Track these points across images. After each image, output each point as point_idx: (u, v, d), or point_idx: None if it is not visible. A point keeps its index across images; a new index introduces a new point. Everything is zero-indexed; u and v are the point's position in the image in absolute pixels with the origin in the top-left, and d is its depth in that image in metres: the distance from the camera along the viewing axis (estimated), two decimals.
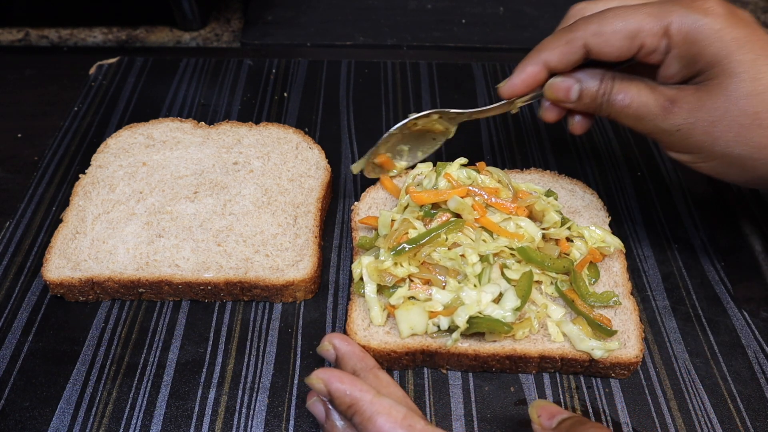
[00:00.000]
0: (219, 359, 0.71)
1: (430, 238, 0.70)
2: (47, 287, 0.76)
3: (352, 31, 1.25)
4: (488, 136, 1.00)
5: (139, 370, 0.70)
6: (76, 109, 1.03)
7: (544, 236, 0.74)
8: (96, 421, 0.66)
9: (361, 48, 1.21)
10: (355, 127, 1.01)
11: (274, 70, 1.12)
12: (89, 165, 0.87)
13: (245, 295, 0.76)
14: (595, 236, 0.76)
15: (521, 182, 0.82)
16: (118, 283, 0.74)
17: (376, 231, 0.77)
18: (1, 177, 0.94)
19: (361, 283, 0.72)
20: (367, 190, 0.85)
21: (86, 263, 0.75)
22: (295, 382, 0.70)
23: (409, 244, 0.70)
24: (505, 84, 0.70)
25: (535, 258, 0.71)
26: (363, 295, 0.72)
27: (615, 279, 0.75)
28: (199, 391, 0.69)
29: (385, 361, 0.70)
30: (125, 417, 0.66)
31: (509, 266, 0.71)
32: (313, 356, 0.72)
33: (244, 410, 0.67)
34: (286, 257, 0.77)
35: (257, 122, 0.97)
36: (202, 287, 0.74)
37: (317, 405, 0.59)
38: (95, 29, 1.27)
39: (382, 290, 0.72)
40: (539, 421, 0.58)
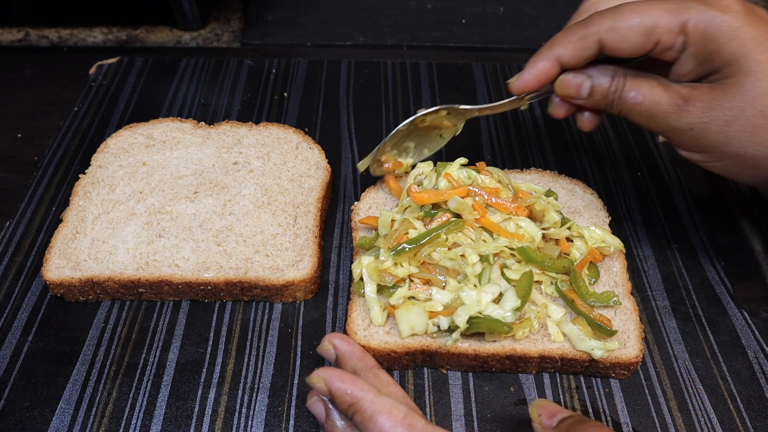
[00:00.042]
0: (219, 359, 0.71)
1: (430, 238, 0.70)
2: (47, 287, 0.76)
3: (352, 31, 1.25)
4: (488, 136, 1.00)
5: (139, 370, 0.70)
6: (76, 109, 1.03)
7: (544, 236, 0.74)
8: (96, 421, 0.66)
9: (361, 48, 1.21)
10: (355, 127, 1.01)
11: (274, 70, 1.12)
12: (89, 165, 0.87)
13: (245, 295, 0.76)
14: (595, 236, 0.76)
15: (521, 182, 0.82)
16: (118, 283, 0.74)
17: (376, 231, 0.77)
18: (1, 177, 0.94)
19: (361, 283, 0.72)
20: (367, 190, 0.85)
21: (86, 263, 0.75)
22: (295, 382, 0.70)
23: (409, 244, 0.70)
24: (516, 79, 0.69)
25: (535, 258, 0.71)
26: (363, 295, 0.72)
27: (615, 279, 0.75)
28: (199, 391, 0.69)
29: (385, 361, 0.70)
30: (125, 417, 0.66)
31: (509, 266, 0.71)
32: (313, 356, 0.72)
33: (244, 410, 0.67)
34: (286, 257, 0.77)
35: (257, 122, 0.97)
36: (202, 287, 0.74)
37: (318, 404, 0.59)
38: (95, 29, 1.27)
39: (382, 290, 0.72)
40: (540, 420, 0.58)
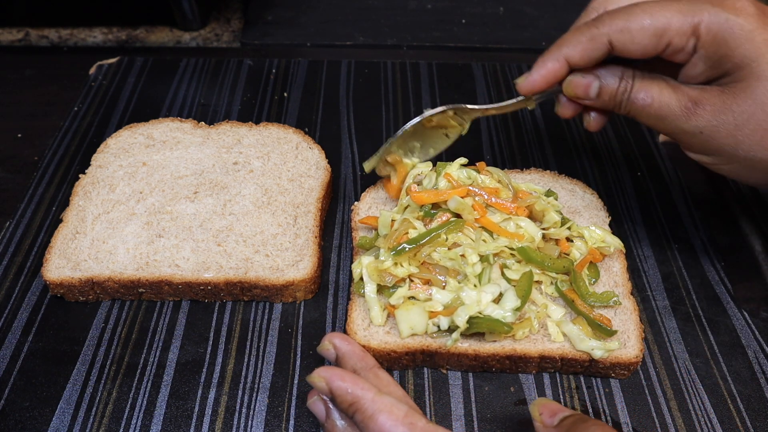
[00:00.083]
0: (219, 359, 0.71)
1: (430, 238, 0.70)
2: (47, 287, 0.76)
3: (352, 31, 1.25)
4: (488, 136, 1.00)
5: (139, 370, 0.70)
6: (76, 109, 1.03)
7: (544, 236, 0.74)
8: (96, 421, 0.66)
9: (361, 48, 1.21)
10: (355, 127, 1.01)
11: (274, 70, 1.12)
12: (89, 165, 0.87)
13: (245, 295, 0.76)
14: (595, 236, 0.76)
15: (521, 182, 0.82)
16: (118, 283, 0.74)
17: (376, 231, 0.77)
18: (1, 177, 0.94)
19: (361, 283, 0.72)
20: (367, 190, 0.85)
21: (86, 263, 0.75)
22: (295, 382, 0.70)
23: (409, 244, 0.70)
24: (525, 80, 0.68)
25: (535, 258, 0.71)
26: (363, 295, 0.72)
27: (615, 279, 0.75)
28: (199, 391, 0.69)
29: (385, 361, 0.70)
30: (125, 417, 0.66)
31: (509, 266, 0.71)
32: (313, 356, 0.72)
33: (244, 410, 0.67)
34: (286, 257, 0.77)
35: (257, 122, 0.97)
36: (202, 287, 0.74)
37: (318, 404, 0.59)
38: (95, 29, 1.27)
39: (382, 290, 0.72)
40: (541, 419, 0.58)
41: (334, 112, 1.04)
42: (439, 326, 0.68)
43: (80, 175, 0.86)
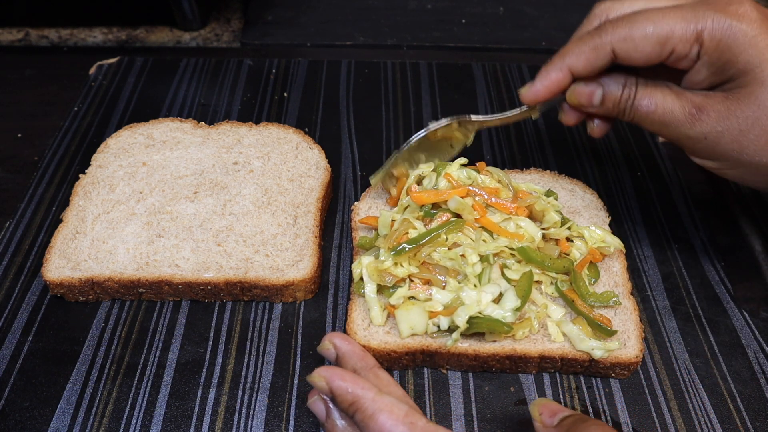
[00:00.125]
0: (219, 359, 0.71)
1: (430, 238, 0.70)
2: (47, 287, 0.76)
3: (352, 31, 1.25)
4: (488, 136, 1.00)
5: (139, 370, 0.70)
6: (76, 109, 1.03)
7: (544, 236, 0.74)
8: (96, 421, 0.66)
9: (361, 48, 1.21)
10: (355, 127, 1.01)
11: (274, 70, 1.12)
12: (89, 165, 0.87)
13: (245, 295, 0.76)
14: (595, 236, 0.76)
15: (521, 182, 0.82)
16: (118, 283, 0.74)
17: (376, 231, 0.77)
18: (1, 177, 0.94)
19: (361, 283, 0.72)
20: (367, 190, 0.85)
21: (86, 263, 0.75)
22: (295, 382, 0.70)
23: (409, 244, 0.70)
24: (528, 90, 0.68)
25: (535, 258, 0.71)
26: (363, 295, 0.72)
27: (615, 279, 0.75)
28: (199, 391, 0.69)
29: (385, 361, 0.70)
30: (125, 417, 0.66)
31: (509, 266, 0.71)
32: (313, 356, 0.72)
33: (244, 410, 0.67)
34: (286, 257, 0.77)
35: (257, 122, 0.97)
36: (202, 287, 0.74)
37: (318, 403, 0.59)
38: (95, 29, 1.27)
39: (382, 290, 0.72)
40: (541, 419, 0.58)
41: (334, 112, 1.04)
42: (439, 326, 0.68)
43: (80, 175, 0.86)
